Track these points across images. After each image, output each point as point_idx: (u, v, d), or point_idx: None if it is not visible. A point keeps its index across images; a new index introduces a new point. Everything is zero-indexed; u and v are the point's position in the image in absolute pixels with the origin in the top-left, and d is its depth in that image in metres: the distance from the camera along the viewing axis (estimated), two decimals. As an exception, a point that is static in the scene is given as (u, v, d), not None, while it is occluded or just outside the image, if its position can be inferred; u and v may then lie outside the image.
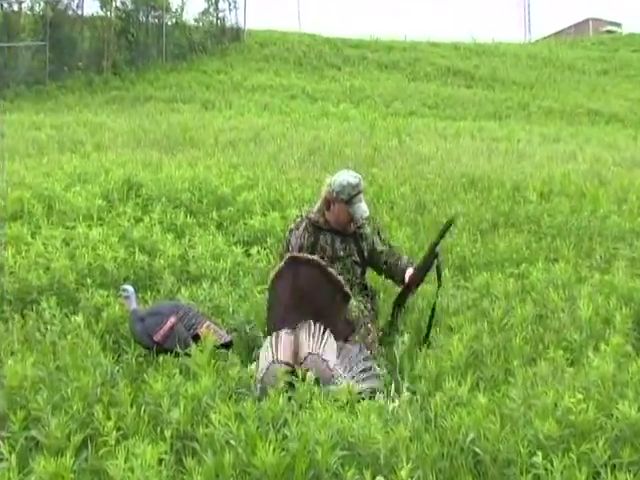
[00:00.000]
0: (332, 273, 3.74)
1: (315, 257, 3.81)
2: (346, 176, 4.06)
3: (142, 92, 18.71)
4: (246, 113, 15.66)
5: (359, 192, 4.03)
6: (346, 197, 4.00)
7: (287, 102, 18.17)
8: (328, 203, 4.07)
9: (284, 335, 3.52)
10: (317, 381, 3.27)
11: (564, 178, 7.76)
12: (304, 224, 4.11)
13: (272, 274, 3.85)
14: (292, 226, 4.18)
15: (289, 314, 3.63)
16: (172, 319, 3.70)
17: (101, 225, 5.70)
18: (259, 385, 3.33)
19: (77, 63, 20.77)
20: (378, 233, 4.22)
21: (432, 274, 4.09)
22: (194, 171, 7.48)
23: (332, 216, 4.08)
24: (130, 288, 3.83)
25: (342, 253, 4.08)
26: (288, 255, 3.84)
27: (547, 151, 10.93)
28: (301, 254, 3.86)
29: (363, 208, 4.03)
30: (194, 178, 7.03)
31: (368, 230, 4.18)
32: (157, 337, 3.63)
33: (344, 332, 3.75)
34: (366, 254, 4.16)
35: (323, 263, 3.76)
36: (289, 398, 3.05)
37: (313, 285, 3.69)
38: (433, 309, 4.07)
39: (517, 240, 5.74)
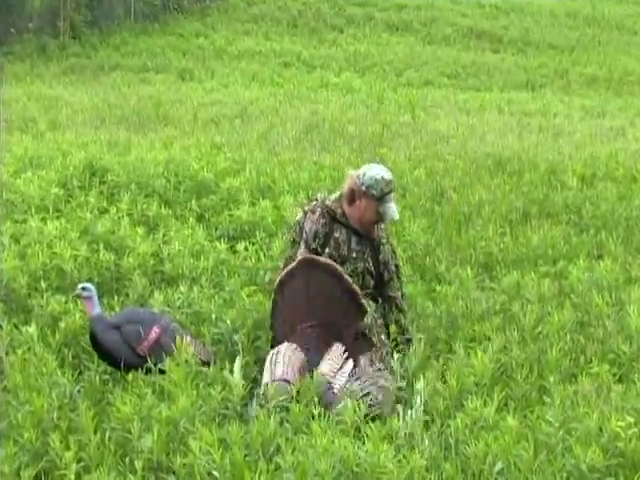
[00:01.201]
0: (349, 282, 3.94)
1: (332, 262, 3.98)
2: (378, 170, 4.19)
3: (106, 60, 18.68)
4: (231, 84, 15.63)
5: (391, 189, 4.17)
6: (378, 193, 4.11)
7: (279, 71, 18.14)
8: (353, 196, 4.16)
9: (292, 351, 3.70)
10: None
11: (610, 159, 7.77)
12: (320, 209, 4.20)
13: (282, 274, 4.04)
14: (306, 208, 4.27)
15: (300, 323, 3.87)
16: (156, 329, 3.70)
17: (58, 218, 5.70)
18: (255, 400, 3.43)
19: (27, 24, 20.71)
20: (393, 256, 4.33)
21: None
22: (169, 153, 7.49)
23: (356, 212, 4.17)
24: (92, 287, 3.82)
25: (355, 255, 4.17)
26: (302, 257, 4.01)
27: (590, 127, 10.92)
28: (317, 257, 4.01)
29: (394, 208, 4.17)
30: (169, 161, 7.04)
31: (386, 246, 4.27)
32: (141, 350, 3.62)
33: (354, 347, 3.88)
34: (381, 269, 4.25)
35: (340, 269, 3.95)
36: (282, 420, 3.05)
37: (327, 294, 3.91)
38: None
39: (553, 233, 5.75)
